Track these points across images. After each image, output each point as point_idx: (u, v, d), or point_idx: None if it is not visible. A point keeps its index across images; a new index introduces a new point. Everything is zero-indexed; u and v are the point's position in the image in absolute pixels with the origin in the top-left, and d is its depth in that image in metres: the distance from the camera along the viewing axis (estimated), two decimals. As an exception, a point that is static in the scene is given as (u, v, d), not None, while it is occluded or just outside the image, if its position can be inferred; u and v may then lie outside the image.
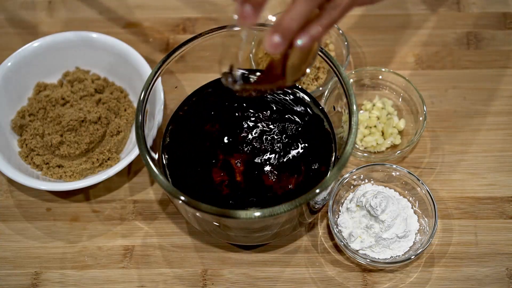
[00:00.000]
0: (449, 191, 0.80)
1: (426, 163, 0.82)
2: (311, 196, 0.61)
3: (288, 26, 0.53)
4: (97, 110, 0.82)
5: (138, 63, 0.82)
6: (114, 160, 0.79)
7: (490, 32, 0.92)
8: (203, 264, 0.76)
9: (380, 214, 0.72)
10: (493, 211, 0.78)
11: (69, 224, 0.79)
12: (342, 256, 0.76)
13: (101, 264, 0.76)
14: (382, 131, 0.83)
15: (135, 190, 0.81)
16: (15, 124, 0.81)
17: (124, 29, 0.94)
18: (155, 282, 0.75)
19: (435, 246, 0.76)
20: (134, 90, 0.85)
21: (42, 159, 0.79)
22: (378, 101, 0.85)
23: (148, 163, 0.63)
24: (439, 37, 0.92)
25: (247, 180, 0.69)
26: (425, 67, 0.90)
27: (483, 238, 0.76)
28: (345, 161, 0.63)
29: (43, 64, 0.85)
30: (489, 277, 0.74)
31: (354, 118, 0.65)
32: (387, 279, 0.74)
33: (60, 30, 0.92)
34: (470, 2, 0.95)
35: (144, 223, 0.79)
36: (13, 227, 0.79)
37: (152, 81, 0.68)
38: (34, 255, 0.77)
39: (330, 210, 0.74)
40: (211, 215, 0.61)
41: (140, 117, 0.66)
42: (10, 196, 0.81)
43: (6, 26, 0.95)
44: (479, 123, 0.85)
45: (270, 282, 0.74)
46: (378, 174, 0.78)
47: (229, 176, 0.70)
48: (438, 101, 0.87)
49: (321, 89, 0.81)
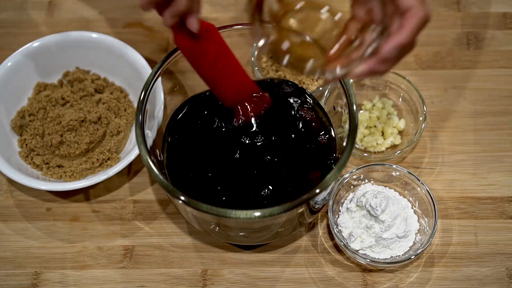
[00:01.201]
0: (449, 191, 0.80)
1: (426, 163, 0.82)
2: (311, 196, 0.61)
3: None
4: (97, 110, 0.82)
5: (138, 63, 0.82)
6: (114, 160, 0.79)
7: (490, 32, 0.92)
8: (203, 264, 0.76)
9: (380, 214, 0.72)
10: (493, 211, 0.78)
11: (69, 224, 0.79)
12: (342, 256, 0.76)
13: (101, 264, 0.76)
14: (382, 131, 0.83)
15: (135, 190, 0.81)
16: (15, 124, 0.81)
17: (124, 29, 0.94)
18: (155, 282, 0.75)
19: (435, 246, 0.76)
20: (134, 90, 0.85)
21: (42, 159, 0.79)
22: (378, 101, 0.85)
23: (148, 163, 0.63)
24: (439, 37, 0.92)
25: (246, 178, 0.69)
26: (425, 67, 0.90)
27: (483, 238, 0.76)
28: (345, 161, 0.63)
29: (43, 64, 0.85)
30: (489, 277, 0.74)
31: (354, 118, 0.65)
32: (387, 279, 0.74)
33: (60, 30, 0.91)
34: (470, 2, 0.95)
35: (144, 223, 0.79)
36: (13, 227, 0.79)
37: (152, 81, 0.68)
38: (34, 255, 0.77)
39: (330, 210, 0.74)
40: (211, 215, 0.61)
41: (140, 117, 0.66)
42: (10, 196, 0.81)
43: (6, 26, 0.95)
44: (479, 123, 0.85)
45: (270, 282, 0.74)
46: (378, 174, 0.78)
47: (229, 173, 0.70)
48: (438, 101, 0.87)
49: (321, 89, 0.81)
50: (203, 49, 0.67)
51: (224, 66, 0.69)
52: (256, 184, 0.69)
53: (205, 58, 0.68)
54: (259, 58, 0.86)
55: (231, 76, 0.70)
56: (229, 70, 0.70)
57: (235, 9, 0.96)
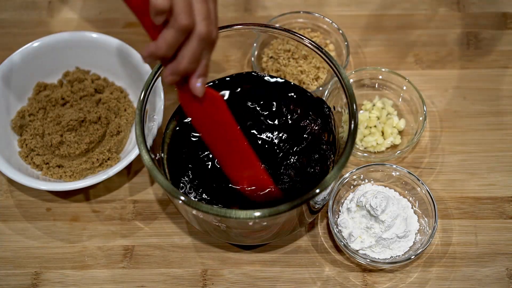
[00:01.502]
0: (449, 191, 0.80)
1: (426, 163, 0.82)
2: (311, 196, 0.61)
3: None
4: (97, 110, 0.82)
5: (138, 63, 0.82)
6: (114, 160, 0.79)
7: (490, 32, 0.92)
8: (203, 264, 0.76)
9: (380, 214, 0.72)
10: (493, 211, 0.78)
11: (69, 224, 0.79)
12: (342, 256, 0.76)
13: (101, 264, 0.76)
14: (382, 131, 0.83)
15: (135, 190, 0.81)
16: (15, 124, 0.81)
17: (124, 29, 0.94)
18: (155, 282, 0.75)
19: (435, 246, 0.76)
20: (134, 90, 0.85)
21: (42, 159, 0.79)
22: (378, 101, 0.85)
23: (148, 163, 0.63)
24: (439, 37, 0.92)
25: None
26: (425, 67, 0.90)
27: (483, 238, 0.76)
28: (345, 161, 0.63)
29: (43, 64, 0.85)
30: (489, 277, 0.74)
31: (354, 118, 0.65)
32: (387, 279, 0.74)
33: (60, 30, 0.91)
34: (470, 2, 0.95)
35: (144, 223, 0.79)
36: (13, 227, 0.79)
37: (152, 81, 0.68)
38: (34, 255, 0.77)
39: (330, 210, 0.74)
40: (211, 215, 0.61)
41: (140, 117, 0.66)
42: (10, 196, 0.81)
43: (6, 26, 0.95)
44: (479, 123, 0.85)
45: (270, 282, 0.74)
46: (378, 174, 0.78)
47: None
48: (438, 101, 0.87)
49: (321, 89, 0.81)
50: (209, 118, 0.62)
51: (233, 147, 0.64)
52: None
53: (212, 130, 0.63)
54: (259, 58, 0.87)
55: (240, 160, 0.66)
56: (238, 153, 0.65)
57: (235, 9, 0.96)
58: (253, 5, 0.96)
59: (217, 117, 0.62)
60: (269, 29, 0.73)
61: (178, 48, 0.55)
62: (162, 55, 0.55)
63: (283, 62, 0.84)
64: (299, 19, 0.91)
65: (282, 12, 0.91)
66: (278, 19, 0.90)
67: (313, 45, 0.71)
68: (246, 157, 0.66)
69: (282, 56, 0.84)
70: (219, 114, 0.62)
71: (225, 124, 0.63)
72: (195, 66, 0.56)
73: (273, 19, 0.90)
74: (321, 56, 0.70)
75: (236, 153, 0.65)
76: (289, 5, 0.95)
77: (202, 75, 0.57)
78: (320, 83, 0.83)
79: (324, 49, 0.70)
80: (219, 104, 0.62)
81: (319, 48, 0.71)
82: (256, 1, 0.96)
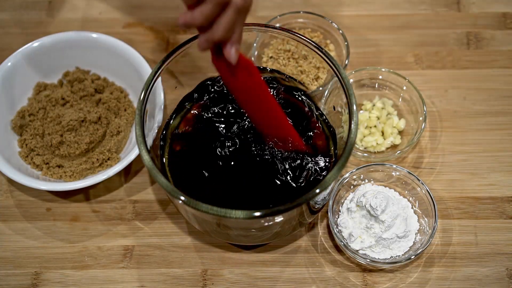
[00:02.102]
0: (449, 191, 0.80)
1: (426, 163, 0.82)
2: (311, 196, 0.61)
3: None
4: (97, 110, 0.82)
5: (138, 63, 0.82)
6: (114, 160, 0.79)
7: (490, 32, 0.92)
8: (203, 264, 0.76)
9: (380, 214, 0.72)
10: (493, 211, 0.78)
11: (69, 224, 0.79)
12: (342, 256, 0.76)
13: (101, 264, 0.76)
14: (382, 131, 0.83)
15: (135, 190, 0.81)
16: (15, 124, 0.81)
17: (124, 29, 0.94)
18: (155, 282, 0.75)
19: (435, 246, 0.76)
20: (134, 90, 0.85)
21: (42, 159, 0.79)
22: (378, 101, 0.85)
23: (148, 163, 0.63)
24: (439, 37, 0.92)
25: (246, 178, 0.69)
26: (425, 67, 0.90)
27: (483, 238, 0.76)
28: (345, 161, 0.63)
29: (43, 64, 0.85)
30: (489, 277, 0.74)
31: (354, 118, 0.65)
32: (387, 279, 0.74)
33: (60, 30, 0.91)
34: (470, 2, 0.95)
35: (144, 223, 0.79)
36: (13, 227, 0.79)
37: (152, 81, 0.68)
38: (34, 255, 0.77)
39: (330, 210, 0.74)
40: (211, 215, 0.61)
41: (140, 117, 0.66)
42: (10, 196, 0.81)
43: (6, 26, 0.95)
44: (479, 123, 0.85)
45: (270, 282, 0.74)
46: (378, 174, 0.78)
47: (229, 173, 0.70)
48: (438, 101, 0.87)
49: (321, 89, 0.81)
50: (242, 82, 0.64)
51: (264, 108, 0.68)
52: (256, 184, 0.69)
53: (245, 93, 0.66)
54: (259, 58, 0.87)
55: (271, 119, 0.69)
56: (269, 112, 0.68)
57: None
58: (253, 5, 0.95)
59: (249, 80, 0.65)
60: (269, 29, 0.73)
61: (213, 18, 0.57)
62: (198, 25, 0.57)
63: (283, 62, 0.84)
64: (299, 19, 0.91)
65: (282, 12, 0.91)
66: (278, 19, 0.90)
67: (313, 45, 0.71)
68: (276, 116, 0.69)
69: (282, 56, 0.84)
70: (251, 78, 0.65)
71: (256, 86, 0.66)
72: (230, 35, 0.59)
73: (273, 19, 0.90)
74: (321, 56, 0.70)
75: (267, 112, 0.69)
76: (289, 5, 0.95)
77: (236, 42, 0.60)
78: (320, 83, 0.83)
79: (324, 49, 0.70)
80: (251, 68, 0.64)
81: (319, 48, 0.71)
82: (256, 1, 0.96)
